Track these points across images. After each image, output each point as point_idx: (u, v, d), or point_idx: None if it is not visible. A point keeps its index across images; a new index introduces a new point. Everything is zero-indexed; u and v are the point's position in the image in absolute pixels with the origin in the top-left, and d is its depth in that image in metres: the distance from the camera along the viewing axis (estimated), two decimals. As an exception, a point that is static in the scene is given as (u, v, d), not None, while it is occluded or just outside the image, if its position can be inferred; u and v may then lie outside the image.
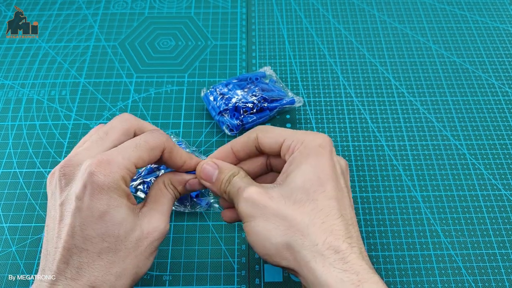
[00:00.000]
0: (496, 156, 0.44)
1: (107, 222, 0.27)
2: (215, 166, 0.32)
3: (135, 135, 0.31)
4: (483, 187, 0.42)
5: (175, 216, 0.40)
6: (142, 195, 0.40)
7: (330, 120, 0.47)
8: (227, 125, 0.44)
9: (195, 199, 0.39)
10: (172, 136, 0.43)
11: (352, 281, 0.25)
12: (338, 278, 0.25)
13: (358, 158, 0.44)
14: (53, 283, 0.26)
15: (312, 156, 0.29)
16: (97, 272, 0.27)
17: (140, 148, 0.29)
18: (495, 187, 0.42)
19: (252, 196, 0.29)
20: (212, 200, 0.40)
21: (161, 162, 0.32)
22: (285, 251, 0.28)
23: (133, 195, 0.40)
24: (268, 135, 0.31)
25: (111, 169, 0.27)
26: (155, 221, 0.30)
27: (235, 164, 0.33)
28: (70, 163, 0.28)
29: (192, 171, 0.33)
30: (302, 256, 0.27)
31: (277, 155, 0.32)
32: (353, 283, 0.25)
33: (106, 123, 0.31)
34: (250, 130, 0.33)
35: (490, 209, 0.40)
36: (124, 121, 0.31)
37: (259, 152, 0.33)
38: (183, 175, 0.33)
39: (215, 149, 0.44)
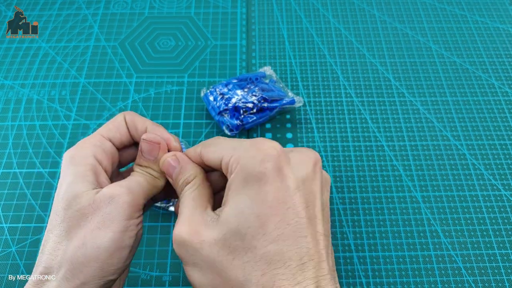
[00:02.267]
0: (496, 157, 0.44)
1: (59, 194, 0.26)
2: (176, 162, 0.28)
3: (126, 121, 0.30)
4: (483, 188, 0.42)
5: (175, 216, 0.40)
6: None
7: (330, 120, 0.47)
8: (227, 125, 0.44)
9: None
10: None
11: None
12: None
13: (358, 158, 0.44)
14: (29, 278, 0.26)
15: (250, 182, 0.23)
16: (48, 250, 0.25)
17: (105, 125, 0.29)
18: (495, 187, 0.42)
19: (181, 237, 0.24)
20: None
21: (131, 129, 0.30)
22: None
23: None
24: (209, 150, 0.27)
25: (79, 145, 0.28)
26: (106, 188, 0.26)
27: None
28: None
29: (147, 155, 0.30)
30: None
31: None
32: None
33: (105, 123, 0.31)
34: (198, 144, 0.29)
35: (490, 210, 0.40)
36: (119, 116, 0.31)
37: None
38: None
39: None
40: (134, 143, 0.31)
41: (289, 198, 0.23)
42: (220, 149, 0.26)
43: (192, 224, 0.24)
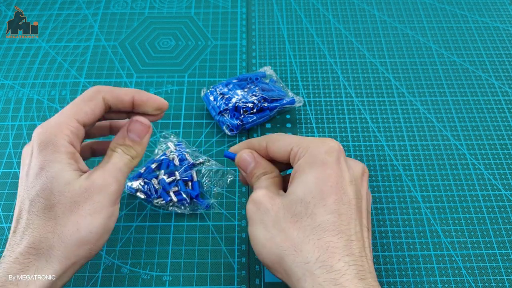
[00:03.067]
0: (496, 156, 0.44)
1: (42, 177, 0.27)
2: (252, 157, 0.32)
3: (105, 102, 0.31)
4: (483, 187, 0.42)
5: (175, 216, 0.40)
6: (142, 195, 0.40)
7: (330, 120, 0.47)
8: (227, 125, 0.44)
9: (195, 200, 0.39)
10: (172, 136, 0.43)
11: None
12: None
13: (358, 158, 0.44)
14: (2, 258, 0.27)
15: (316, 165, 0.28)
16: (35, 232, 0.27)
17: (75, 103, 0.30)
18: (495, 187, 0.42)
19: (258, 198, 0.29)
20: (213, 201, 0.40)
21: (115, 108, 0.32)
22: (277, 264, 0.27)
23: (133, 194, 0.40)
24: (276, 144, 0.31)
25: (48, 125, 0.28)
26: (93, 176, 0.28)
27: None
28: (29, 144, 0.30)
29: (150, 113, 0.32)
30: (293, 273, 0.26)
31: (289, 163, 0.31)
32: None
33: (78, 99, 0.31)
34: (260, 138, 0.33)
35: (490, 209, 0.40)
36: (87, 91, 0.31)
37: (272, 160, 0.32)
38: (122, 130, 0.32)
39: (215, 149, 0.44)
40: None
41: (345, 186, 0.27)
42: (289, 142, 0.30)
43: (268, 192, 0.29)
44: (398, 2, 0.59)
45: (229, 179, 0.42)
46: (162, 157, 0.41)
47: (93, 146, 0.36)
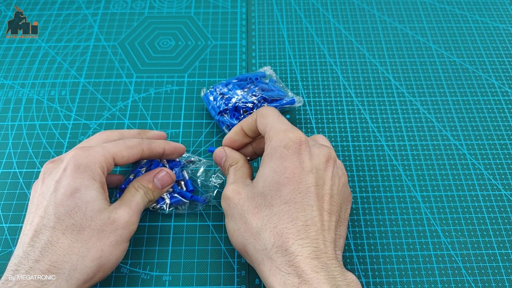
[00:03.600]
0: (496, 156, 0.44)
1: (76, 199, 0.29)
2: (223, 152, 0.35)
3: (142, 153, 0.36)
4: (483, 187, 0.42)
5: (175, 216, 0.40)
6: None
7: (330, 120, 0.47)
8: (227, 125, 0.44)
9: (191, 198, 0.39)
10: (189, 155, 0.43)
11: (293, 283, 0.25)
12: (282, 281, 0.26)
13: (358, 158, 0.44)
14: (16, 270, 0.27)
15: (274, 158, 0.30)
16: (60, 251, 0.28)
17: (118, 145, 0.33)
18: (495, 187, 0.42)
19: (227, 194, 0.31)
20: (210, 194, 0.40)
21: (146, 158, 0.37)
22: (243, 251, 0.30)
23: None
24: (260, 121, 0.33)
25: (90, 152, 0.31)
26: (121, 211, 0.31)
27: (249, 143, 0.37)
28: (53, 160, 0.33)
29: (174, 158, 0.39)
30: (255, 258, 0.28)
31: None
32: (293, 286, 0.25)
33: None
34: (256, 110, 0.35)
35: (490, 209, 0.40)
36: (103, 133, 0.36)
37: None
38: (149, 174, 0.36)
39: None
40: None
41: (303, 175, 0.29)
42: (266, 124, 0.32)
43: (235, 187, 0.31)
44: (398, 2, 0.59)
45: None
46: (152, 161, 0.40)
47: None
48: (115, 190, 0.40)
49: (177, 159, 0.41)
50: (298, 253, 0.26)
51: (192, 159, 0.42)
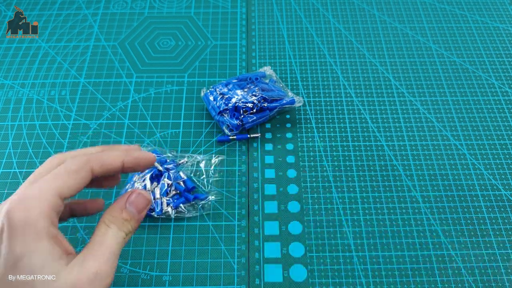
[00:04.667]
0: (496, 156, 0.44)
1: (21, 270, 0.23)
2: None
3: (93, 173, 0.27)
4: (483, 187, 0.42)
5: (175, 216, 0.40)
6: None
7: (330, 120, 0.47)
8: (227, 125, 0.44)
9: (193, 202, 0.39)
10: (147, 146, 0.43)
11: None
12: None
13: (358, 158, 0.44)
14: None
15: None
16: None
17: (60, 176, 0.25)
18: (495, 187, 0.42)
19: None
20: (210, 187, 0.40)
21: (106, 179, 0.30)
22: None
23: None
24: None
25: (26, 202, 0.23)
26: (87, 267, 0.24)
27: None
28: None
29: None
30: None
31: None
32: None
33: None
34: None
35: (490, 209, 0.40)
36: (54, 158, 0.27)
37: None
38: (119, 200, 0.28)
39: (215, 149, 0.44)
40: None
41: None
42: None
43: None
44: (398, 2, 0.59)
45: (218, 159, 0.42)
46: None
47: (72, 206, 0.31)
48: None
49: (170, 161, 0.41)
50: None
51: (183, 160, 0.42)
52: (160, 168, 0.40)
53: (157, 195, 0.39)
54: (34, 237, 0.23)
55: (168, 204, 0.39)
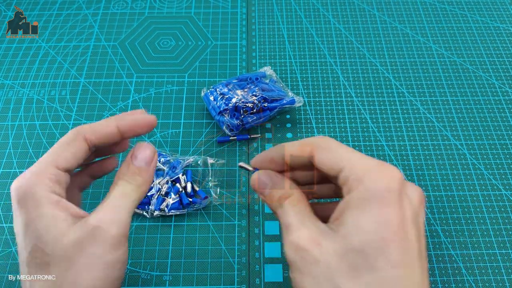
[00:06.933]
0: (496, 156, 0.44)
1: (30, 236, 0.25)
2: (268, 179, 0.28)
3: (88, 142, 0.28)
4: (483, 187, 0.42)
5: (175, 216, 0.40)
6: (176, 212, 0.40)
7: (330, 120, 0.47)
8: (227, 125, 0.44)
9: (190, 200, 0.39)
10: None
11: None
12: None
13: (358, 158, 0.44)
14: None
15: (374, 205, 0.22)
16: None
17: (54, 150, 0.27)
18: (495, 187, 0.42)
19: (300, 244, 0.24)
20: (211, 185, 0.40)
21: (105, 149, 0.31)
22: None
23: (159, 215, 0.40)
24: (326, 155, 0.26)
25: (24, 178, 0.26)
26: (89, 222, 0.25)
27: (286, 170, 0.29)
28: None
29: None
30: None
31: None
32: None
33: (59, 144, 0.29)
34: (305, 142, 0.27)
35: (490, 209, 0.40)
36: (66, 135, 0.28)
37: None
38: (126, 159, 0.29)
39: (215, 149, 0.44)
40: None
41: (408, 227, 0.23)
42: (340, 159, 0.25)
43: (309, 232, 0.24)
44: (398, 2, 0.59)
45: (218, 163, 0.42)
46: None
47: (89, 171, 0.33)
48: None
49: (175, 166, 0.41)
50: None
51: (189, 159, 0.42)
52: (163, 167, 0.40)
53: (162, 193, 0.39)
54: (34, 206, 0.25)
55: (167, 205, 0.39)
